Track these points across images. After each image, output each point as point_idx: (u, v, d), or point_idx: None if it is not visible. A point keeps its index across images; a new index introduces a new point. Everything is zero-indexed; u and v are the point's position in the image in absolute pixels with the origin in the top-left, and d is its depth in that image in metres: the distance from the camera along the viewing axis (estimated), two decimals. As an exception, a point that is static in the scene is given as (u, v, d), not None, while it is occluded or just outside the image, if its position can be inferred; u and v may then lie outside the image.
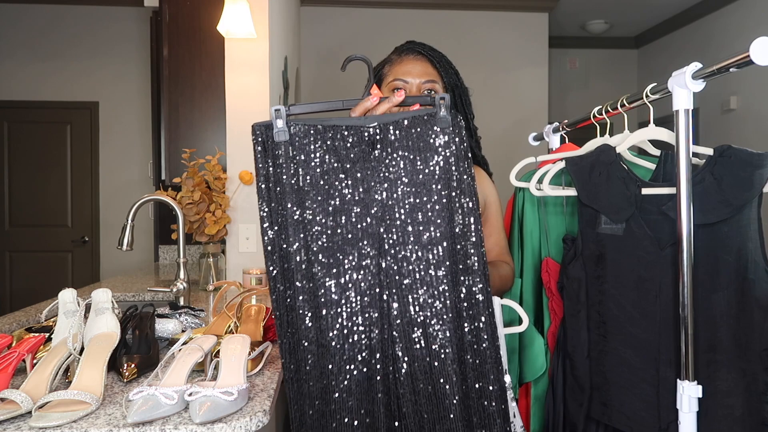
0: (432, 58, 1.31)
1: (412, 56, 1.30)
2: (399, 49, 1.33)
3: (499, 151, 4.16)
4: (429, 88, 1.27)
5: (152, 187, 3.80)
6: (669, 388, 1.12)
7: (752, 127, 4.36)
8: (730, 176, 1.10)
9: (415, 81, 1.27)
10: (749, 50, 0.93)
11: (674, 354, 1.13)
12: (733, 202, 1.09)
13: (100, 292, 1.25)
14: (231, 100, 2.31)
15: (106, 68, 4.46)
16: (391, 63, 1.30)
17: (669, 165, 1.30)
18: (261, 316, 1.51)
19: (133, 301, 2.25)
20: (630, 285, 1.19)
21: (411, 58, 1.29)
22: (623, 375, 1.19)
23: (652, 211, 1.17)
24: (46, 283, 4.35)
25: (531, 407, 1.42)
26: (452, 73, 1.34)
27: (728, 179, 1.10)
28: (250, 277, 2.07)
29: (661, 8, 5.01)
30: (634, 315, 1.18)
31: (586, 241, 1.27)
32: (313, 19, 4.55)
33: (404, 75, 1.27)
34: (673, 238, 1.13)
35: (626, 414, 1.19)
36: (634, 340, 1.18)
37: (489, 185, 1.39)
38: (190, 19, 2.64)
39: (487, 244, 1.34)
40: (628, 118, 1.37)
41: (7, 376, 1.05)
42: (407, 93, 1.25)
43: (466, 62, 4.63)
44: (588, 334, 1.27)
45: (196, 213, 2.21)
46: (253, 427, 0.95)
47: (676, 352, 1.12)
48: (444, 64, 1.33)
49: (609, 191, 1.22)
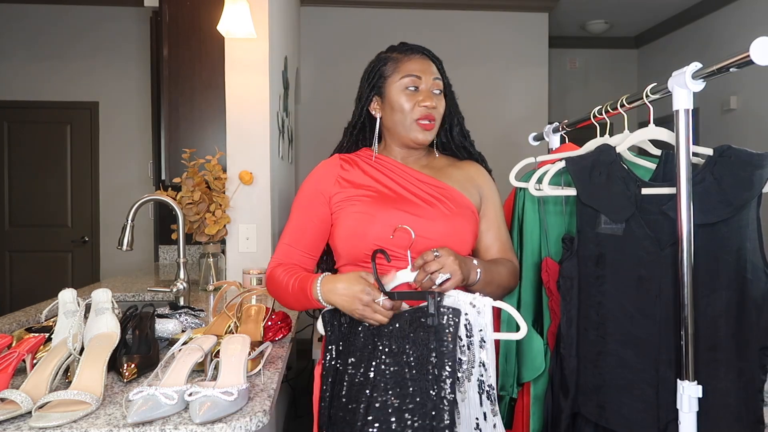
0: (435, 60, 1.34)
1: (419, 55, 1.32)
2: (400, 49, 1.33)
3: (499, 151, 4.16)
4: (438, 89, 1.31)
5: (152, 187, 3.80)
6: (668, 388, 1.12)
7: (752, 127, 4.36)
8: (730, 176, 1.10)
9: (429, 78, 1.29)
10: (749, 50, 0.92)
11: (674, 354, 1.13)
12: (733, 202, 1.09)
13: (100, 292, 1.25)
14: (231, 100, 2.31)
15: (106, 68, 4.45)
16: (397, 61, 1.31)
17: (669, 165, 1.30)
18: (261, 316, 1.51)
19: (133, 301, 2.25)
20: (630, 285, 1.19)
21: (419, 57, 1.31)
22: (622, 376, 1.19)
23: (652, 210, 1.17)
24: (46, 283, 4.35)
25: (531, 407, 1.42)
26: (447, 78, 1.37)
27: (728, 179, 1.10)
28: (250, 277, 2.07)
29: (661, 8, 5.01)
30: (635, 315, 1.18)
31: (584, 241, 1.27)
32: (313, 19, 4.55)
33: (417, 72, 1.29)
34: (673, 238, 1.13)
35: (624, 415, 1.19)
36: (634, 340, 1.18)
37: (486, 180, 1.39)
38: (190, 19, 2.64)
39: (485, 240, 1.34)
40: (628, 118, 1.36)
41: (7, 376, 1.05)
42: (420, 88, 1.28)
43: (466, 62, 4.66)
44: (578, 332, 1.27)
45: (196, 213, 2.21)
46: (253, 427, 0.95)
47: (676, 352, 1.12)
48: (443, 69, 1.36)
49: (609, 191, 1.22)
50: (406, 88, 1.28)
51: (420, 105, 1.27)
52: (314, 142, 4.39)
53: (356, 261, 1.25)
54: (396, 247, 1.20)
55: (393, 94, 1.29)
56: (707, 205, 1.10)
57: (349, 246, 1.25)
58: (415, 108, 1.27)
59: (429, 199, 1.28)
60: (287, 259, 1.30)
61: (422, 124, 1.28)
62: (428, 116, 1.28)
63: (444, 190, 1.30)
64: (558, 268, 1.35)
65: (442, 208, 1.27)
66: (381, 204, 1.25)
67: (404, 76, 1.28)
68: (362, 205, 1.25)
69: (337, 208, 1.28)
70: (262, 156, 2.34)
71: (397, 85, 1.29)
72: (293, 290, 1.22)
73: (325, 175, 1.33)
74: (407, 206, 1.25)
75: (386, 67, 1.32)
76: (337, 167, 1.33)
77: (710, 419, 1.10)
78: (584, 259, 1.27)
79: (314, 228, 1.30)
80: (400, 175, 1.31)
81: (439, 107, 1.30)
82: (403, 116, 1.28)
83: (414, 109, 1.28)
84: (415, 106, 1.27)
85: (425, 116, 1.27)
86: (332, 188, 1.30)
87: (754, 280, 1.09)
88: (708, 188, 1.11)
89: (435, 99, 1.29)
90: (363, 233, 1.22)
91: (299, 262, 1.30)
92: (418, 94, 1.28)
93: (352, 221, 1.24)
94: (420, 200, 1.27)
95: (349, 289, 1.11)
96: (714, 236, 1.11)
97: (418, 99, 1.28)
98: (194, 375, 1.16)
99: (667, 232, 1.15)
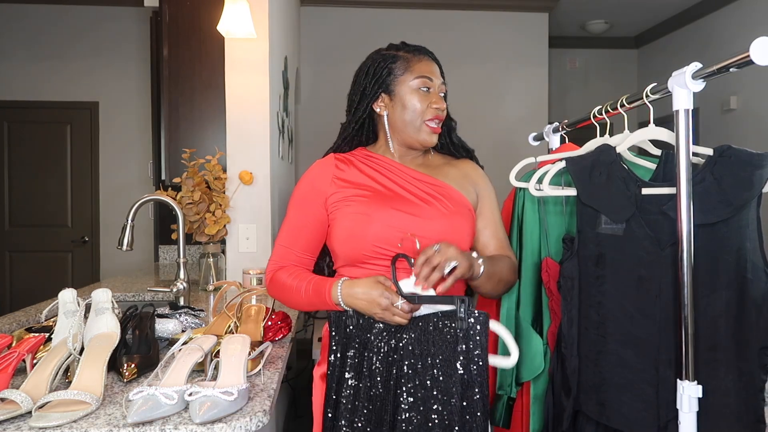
0: (438, 62, 1.36)
1: (427, 57, 1.34)
2: (407, 48, 1.33)
3: (499, 151, 4.16)
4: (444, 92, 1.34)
5: (152, 187, 3.80)
6: (668, 388, 1.12)
7: (752, 127, 4.36)
8: (730, 176, 1.10)
9: (438, 81, 1.32)
10: (749, 50, 0.93)
11: (674, 354, 1.13)
12: (733, 202, 1.09)
13: (100, 292, 1.25)
14: (231, 100, 2.31)
15: (106, 68, 4.45)
16: (408, 61, 1.31)
17: (670, 164, 1.30)
18: (261, 316, 1.51)
19: (133, 301, 2.25)
20: (630, 285, 1.19)
21: (428, 59, 1.33)
22: (622, 375, 1.19)
23: (652, 211, 1.17)
24: (46, 283, 4.34)
25: (531, 406, 1.42)
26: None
27: (728, 179, 1.09)
28: (250, 277, 2.07)
29: (661, 8, 5.00)
30: (635, 315, 1.18)
31: (584, 241, 1.27)
32: (313, 19, 4.55)
33: (429, 73, 1.31)
34: (673, 238, 1.13)
35: (624, 414, 1.19)
36: (634, 339, 1.18)
37: (482, 178, 1.39)
38: (190, 19, 2.64)
39: (482, 238, 1.34)
40: (628, 118, 1.36)
41: (7, 376, 1.05)
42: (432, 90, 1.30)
43: (466, 62, 4.66)
44: (578, 332, 1.27)
45: (196, 213, 2.21)
46: (253, 427, 0.95)
47: (676, 352, 1.12)
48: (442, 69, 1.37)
49: (609, 191, 1.22)
50: (419, 88, 1.29)
51: (432, 106, 1.29)
52: (314, 142, 4.37)
53: (355, 262, 1.24)
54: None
55: (405, 94, 1.30)
56: (707, 205, 1.10)
57: (347, 248, 1.24)
58: (427, 109, 1.29)
59: (426, 197, 1.28)
60: (285, 261, 1.30)
61: (431, 126, 1.30)
62: (438, 117, 1.30)
63: (441, 189, 1.30)
64: (558, 268, 1.35)
65: (439, 207, 1.27)
66: (378, 203, 1.24)
67: (418, 77, 1.29)
68: (359, 205, 1.25)
69: (334, 208, 1.27)
70: (262, 156, 2.34)
71: (410, 84, 1.29)
72: (307, 293, 1.22)
73: (321, 174, 1.32)
74: (404, 205, 1.25)
75: (396, 65, 1.31)
76: (333, 167, 1.32)
77: (710, 419, 1.10)
78: (584, 259, 1.27)
79: (311, 228, 1.30)
80: (397, 173, 1.31)
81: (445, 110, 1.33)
82: (415, 116, 1.29)
83: (427, 110, 1.29)
84: (428, 107, 1.29)
85: (436, 117, 1.30)
86: (328, 188, 1.29)
87: (755, 279, 1.09)
88: (708, 188, 1.11)
89: (442, 102, 1.32)
90: (362, 235, 1.22)
91: (298, 263, 1.30)
92: (430, 96, 1.30)
93: (350, 222, 1.24)
94: (417, 199, 1.27)
95: (367, 294, 1.14)
96: (714, 236, 1.11)
97: (431, 100, 1.29)
98: (194, 375, 1.16)
99: (667, 232, 1.15)
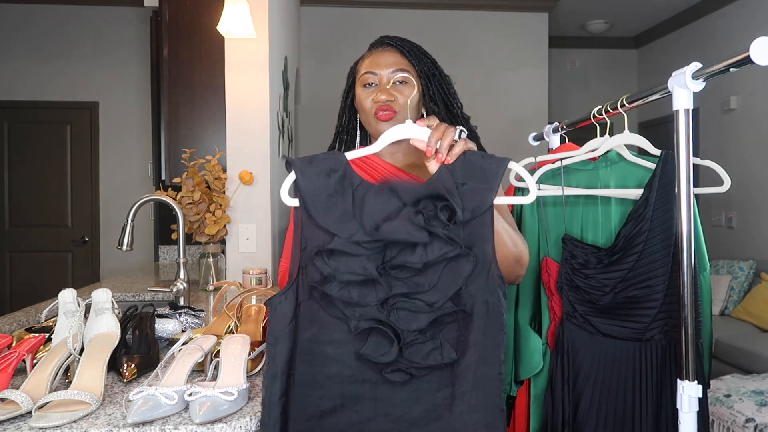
0: (401, 47, 1.29)
1: (380, 48, 1.30)
2: (371, 45, 1.33)
3: (498, 151, 4.15)
4: (400, 79, 1.26)
5: (152, 187, 3.80)
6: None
7: (752, 127, 4.36)
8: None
9: (384, 72, 1.26)
10: (749, 50, 0.93)
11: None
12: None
13: (100, 292, 1.25)
14: (231, 100, 2.31)
15: (106, 69, 4.45)
16: (364, 58, 1.30)
17: (670, 165, 1.30)
18: (261, 316, 1.51)
19: (133, 301, 2.25)
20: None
21: (380, 51, 1.29)
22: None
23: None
24: (46, 283, 4.35)
25: (531, 405, 1.42)
26: (427, 61, 1.31)
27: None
28: (250, 277, 2.07)
29: (661, 8, 5.00)
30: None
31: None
32: (313, 19, 4.55)
33: (373, 67, 1.26)
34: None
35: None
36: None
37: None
38: (190, 19, 2.64)
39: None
40: (628, 118, 1.37)
41: (7, 376, 1.05)
42: (377, 84, 1.25)
43: (466, 62, 4.65)
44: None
45: (196, 213, 2.21)
46: (253, 427, 0.95)
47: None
48: (415, 53, 1.30)
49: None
50: (364, 86, 1.27)
51: (374, 101, 1.24)
52: (314, 142, 4.37)
53: None
54: None
55: (359, 95, 1.28)
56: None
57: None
58: (372, 104, 1.25)
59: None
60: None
61: (379, 115, 1.24)
62: (381, 108, 1.24)
63: None
64: (558, 267, 1.35)
65: None
66: None
67: (362, 75, 1.28)
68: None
69: None
70: (262, 156, 2.34)
71: (359, 84, 1.28)
72: None
73: None
74: None
75: (357, 66, 1.31)
76: None
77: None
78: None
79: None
80: (382, 173, 1.27)
81: (399, 97, 1.25)
82: (366, 114, 1.27)
83: (372, 105, 1.25)
84: (372, 102, 1.25)
85: (378, 110, 1.24)
86: None
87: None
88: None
89: (394, 90, 1.25)
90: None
91: None
92: (374, 91, 1.25)
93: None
94: None
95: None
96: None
97: (374, 95, 1.25)
98: (194, 375, 1.16)
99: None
